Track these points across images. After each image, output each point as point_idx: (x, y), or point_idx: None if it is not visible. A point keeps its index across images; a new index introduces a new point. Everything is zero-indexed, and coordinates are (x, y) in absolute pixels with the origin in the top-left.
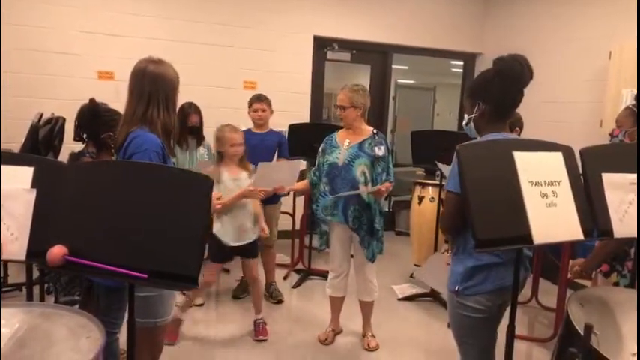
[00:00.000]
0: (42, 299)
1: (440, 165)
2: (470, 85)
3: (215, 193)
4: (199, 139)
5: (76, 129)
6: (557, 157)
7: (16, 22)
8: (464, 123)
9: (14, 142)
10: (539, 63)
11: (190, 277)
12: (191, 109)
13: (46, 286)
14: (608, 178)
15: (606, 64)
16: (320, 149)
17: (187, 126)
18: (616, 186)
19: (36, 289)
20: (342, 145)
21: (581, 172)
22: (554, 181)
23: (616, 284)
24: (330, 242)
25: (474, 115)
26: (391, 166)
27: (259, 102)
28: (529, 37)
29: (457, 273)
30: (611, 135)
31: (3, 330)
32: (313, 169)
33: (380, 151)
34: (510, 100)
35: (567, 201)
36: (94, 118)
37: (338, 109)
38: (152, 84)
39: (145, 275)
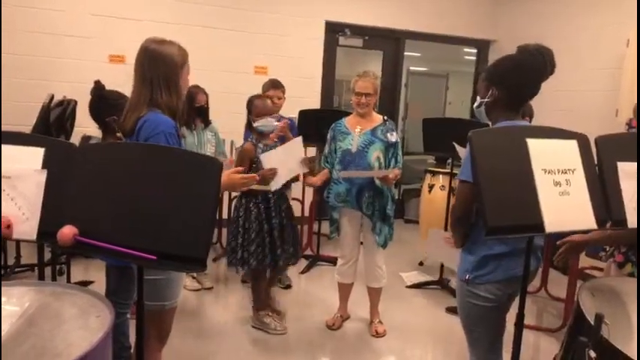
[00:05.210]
0: (53, 280)
1: (457, 147)
2: (489, 68)
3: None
4: (206, 121)
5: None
6: (572, 145)
7: (27, 4)
8: (475, 105)
9: (26, 124)
10: (555, 51)
11: (199, 260)
12: (197, 89)
13: (57, 267)
14: (623, 167)
15: (623, 52)
16: (329, 136)
17: (195, 106)
18: (632, 175)
19: (47, 271)
20: (354, 132)
21: (596, 160)
22: (568, 170)
23: (631, 275)
24: (340, 230)
25: (486, 99)
26: (400, 152)
27: (275, 89)
28: (544, 24)
29: (468, 262)
30: (629, 125)
31: (13, 308)
32: (323, 156)
33: (393, 137)
34: (526, 91)
35: (581, 190)
36: (98, 101)
37: (363, 97)
38: (151, 65)
39: (154, 257)
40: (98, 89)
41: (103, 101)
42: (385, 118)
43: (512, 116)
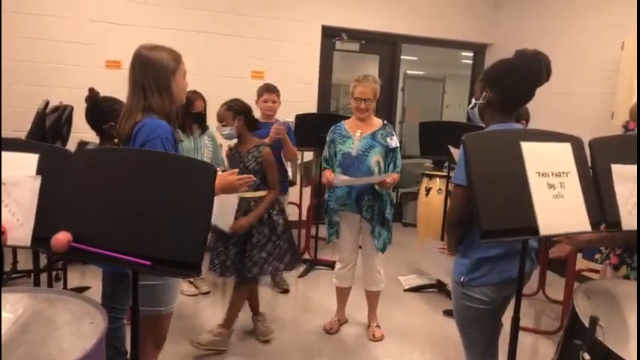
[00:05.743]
0: (50, 286)
1: (452, 149)
2: (486, 70)
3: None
4: (203, 127)
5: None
6: (566, 148)
7: (24, 10)
8: (469, 106)
9: (22, 130)
10: (551, 54)
11: (193, 265)
12: (195, 95)
13: (54, 273)
14: (617, 169)
15: (619, 55)
16: (328, 139)
17: (192, 112)
18: (626, 177)
19: (44, 277)
20: (354, 135)
21: (590, 163)
22: (562, 172)
23: (626, 277)
24: (340, 233)
25: (480, 101)
26: (399, 157)
27: (270, 93)
28: (540, 28)
29: (463, 264)
30: (626, 128)
31: (7, 315)
32: (323, 158)
33: (392, 142)
34: (519, 95)
35: (575, 192)
36: (93, 108)
37: (362, 102)
38: (141, 71)
39: (149, 262)
40: (93, 97)
41: (98, 108)
42: (385, 122)
43: (505, 119)
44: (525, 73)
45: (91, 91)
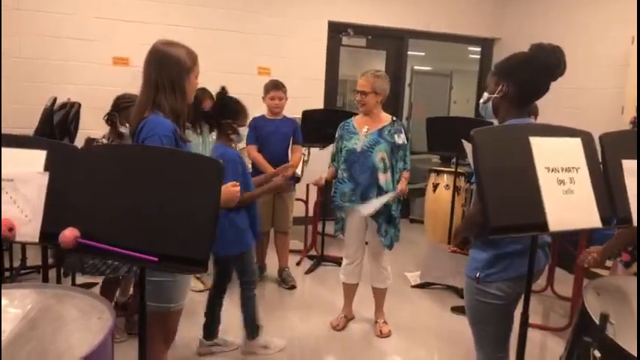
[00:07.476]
0: (58, 282)
1: (465, 143)
2: (499, 63)
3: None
4: (212, 125)
5: None
6: (576, 143)
7: (31, 7)
8: (482, 101)
9: (30, 127)
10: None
11: (200, 261)
12: (205, 94)
13: (62, 269)
14: (628, 164)
15: (629, 50)
16: (337, 135)
17: (201, 110)
18: (636, 173)
19: (53, 273)
20: (361, 132)
21: (600, 158)
22: (572, 168)
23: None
24: (345, 229)
25: (495, 95)
26: (408, 154)
27: (277, 90)
28: (549, 22)
29: (478, 260)
30: (633, 124)
31: (15, 310)
32: (332, 154)
33: (399, 139)
34: (536, 88)
35: (585, 188)
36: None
37: (358, 95)
38: (156, 67)
39: (156, 258)
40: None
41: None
42: (394, 118)
43: (521, 114)
44: (543, 65)
45: (222, 89)
